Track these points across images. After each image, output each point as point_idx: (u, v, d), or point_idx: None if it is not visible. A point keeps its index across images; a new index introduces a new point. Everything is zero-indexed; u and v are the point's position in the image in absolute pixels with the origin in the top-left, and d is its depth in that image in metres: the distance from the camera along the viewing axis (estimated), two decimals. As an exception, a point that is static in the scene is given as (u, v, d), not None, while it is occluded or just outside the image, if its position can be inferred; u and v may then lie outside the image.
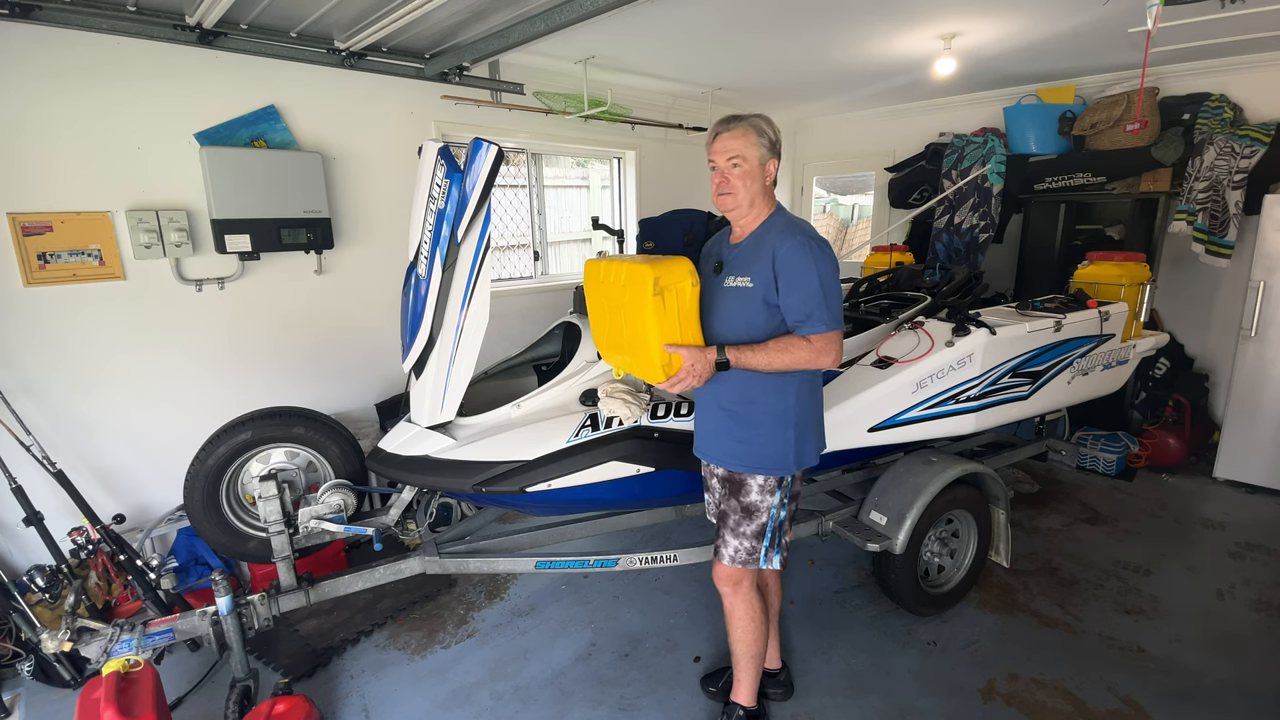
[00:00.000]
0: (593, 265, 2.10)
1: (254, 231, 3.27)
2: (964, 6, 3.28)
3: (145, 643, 2.13)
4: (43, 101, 2.81)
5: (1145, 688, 2.43)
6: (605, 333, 2.16)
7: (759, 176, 1.92)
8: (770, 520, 2.03)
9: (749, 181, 1.91)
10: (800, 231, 1.89)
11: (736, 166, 1.91)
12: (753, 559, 2.05)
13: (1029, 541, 3.47)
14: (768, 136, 1.92)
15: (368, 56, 3.55)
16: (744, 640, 2.15)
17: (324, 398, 3.72)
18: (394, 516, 2.60)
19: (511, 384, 2.99)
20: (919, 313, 2.94)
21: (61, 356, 2.98)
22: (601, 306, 2.12)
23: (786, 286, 1.85)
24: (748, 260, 1.94)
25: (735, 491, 2.04)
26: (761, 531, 2.03)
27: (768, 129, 1.93)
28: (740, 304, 1.94)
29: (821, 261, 1.84)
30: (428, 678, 2.61)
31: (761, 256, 1.89)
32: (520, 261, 4.93)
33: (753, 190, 1.92)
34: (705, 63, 4.34)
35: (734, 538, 2.06)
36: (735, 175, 1.91)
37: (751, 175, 1.91)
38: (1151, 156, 4.18)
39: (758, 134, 1.90)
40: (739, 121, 1.92)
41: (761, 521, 2.03)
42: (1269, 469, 3.97)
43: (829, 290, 1.84)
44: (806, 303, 1.84)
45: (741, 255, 1.97)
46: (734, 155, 1.90)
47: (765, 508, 2.02)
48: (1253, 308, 3.89)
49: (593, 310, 2.19)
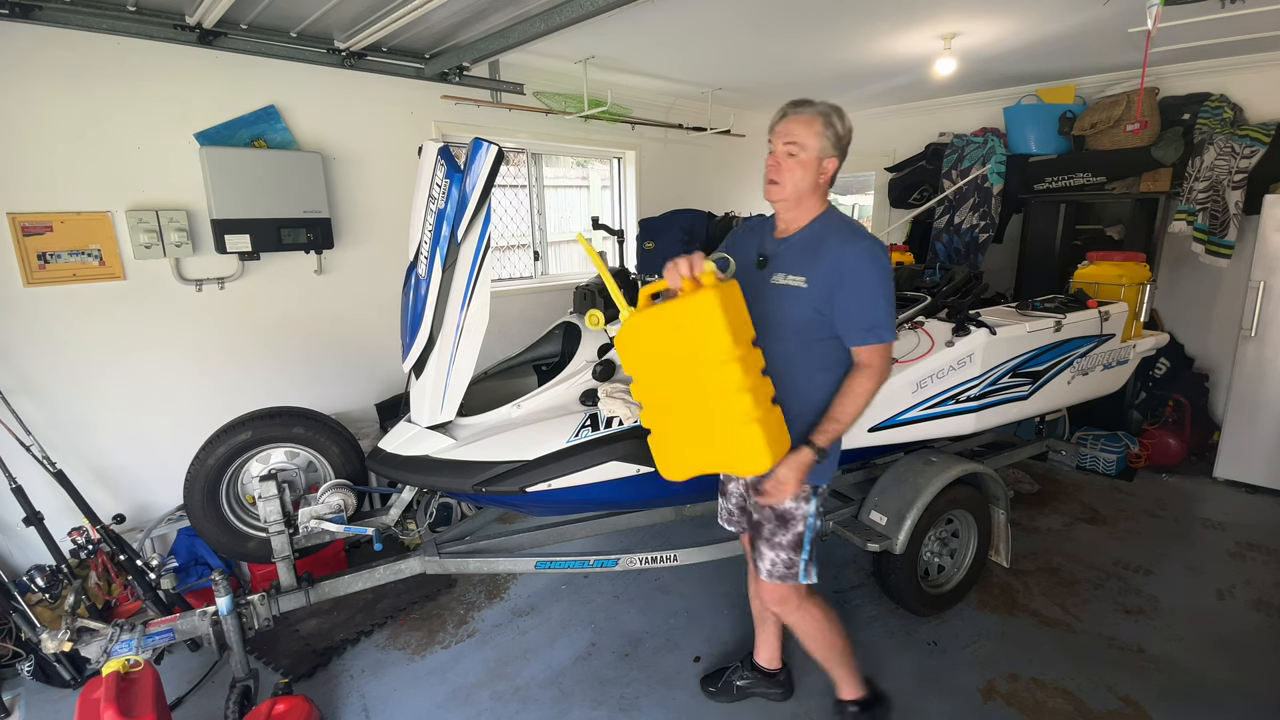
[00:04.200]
0: (633, 328, 1.68)
1: (254, 231, 3.27)
2: (964, 6, 3.27)
3: (145, 643, 2.13)
4: (43, 102, 2.81)
5: (1145, 688, 2.43)
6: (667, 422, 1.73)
7: (813, 170, 1.77)
8: (807, 530, 1.91)
9: (800, 173, 1.76)
10: (864, 237, 1.76)
11: (792, 155, 1.76)
12: (791, 572, 1.93)
13: (1029, 541, 3.47)
14: (835, 130, 1.76)
15: (368, 56, 3.55)
16: (820, 647, 2.10)
17: (324, 398, 3.72)
18: (394, 516, 2.60)
19: (511, 384, 2.99)
20: (919, 313, 2.95)
21: (61, 356, 2.97)
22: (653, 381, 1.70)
23: (849, 295, 1.73)
24: (801, 259, 1.80)
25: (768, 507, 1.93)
26: (799, 542, 1.91)
27: (837, 122, 1.77)
28: (791, 305, 1.80)
29: (884, 269, 1.74)
30: (428, 678, 2.61)
31: (821, 260, 1.76)
32: (520, 261, 4.93)
33: (801, 184, 1.78)
34: (705, 63, 4.34)
35: (769, 549, 1.94)
36: (788, 164, 1.77)
37: (805, 166, 1.76)
38: (1151, 156, 4.18)
39: (824, 124, 1.74)
40: (809, 107, 1.76)
41: (798, 531, 1.90)
42: (1269, 469, 3.97)
43: (889, 299, 1.75)
44: (870, 313, 1.73)
45: (793, 252, 1.83)
46: (792, 141, 1.75)
47: (801, 515, 1.89)
48: (1253, 308, 3.89)
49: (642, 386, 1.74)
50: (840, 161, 1.80)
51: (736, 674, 2.44)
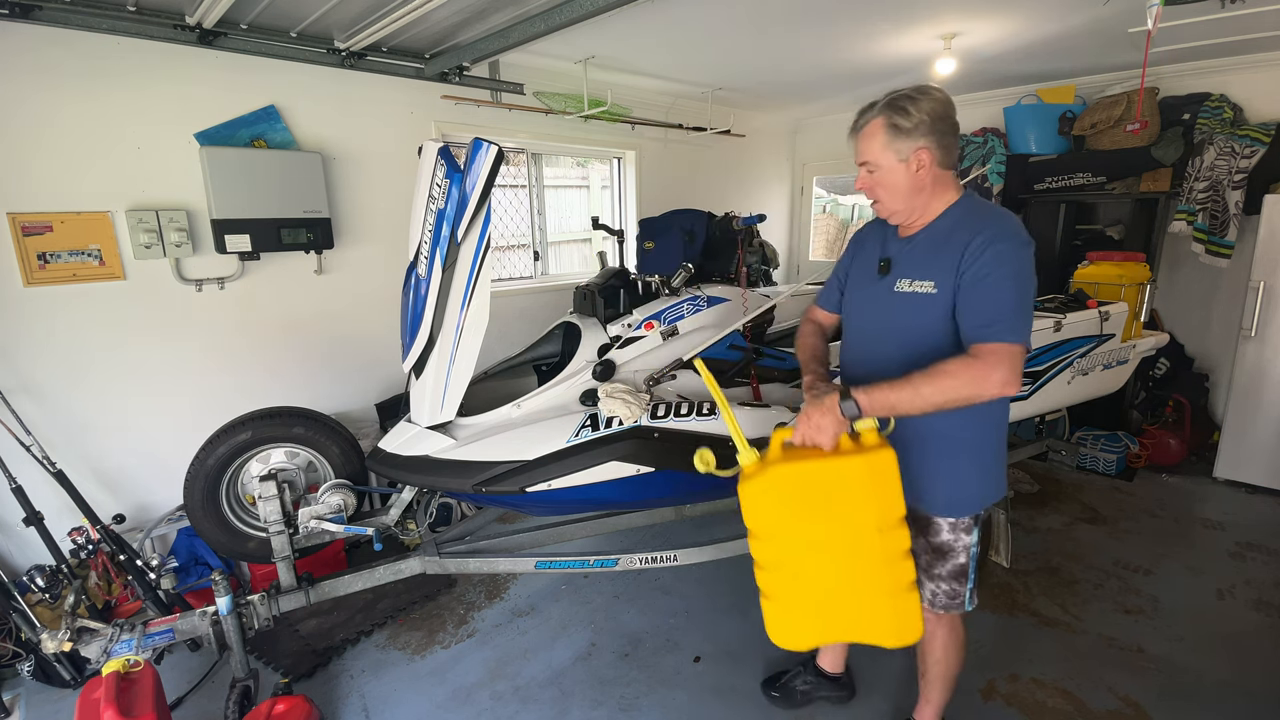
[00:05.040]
0: (775, 483, 1.49)
1: (254, 231, 3.27)
2: (964, 6, 3.28)
3: (145, 643, 2.13)
4: (43, 101, 2.81)
5: (1145, 688, 2.43)
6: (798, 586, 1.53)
7: (903, 175, 1.56)
8: (971, 560, 1.74)
9: (889, 186, 1.59)
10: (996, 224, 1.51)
11: (872, 173, 1.60)
12: (956, 603, 1.77)
13: (1029, 541, 3.47)
14: (904, 124, 1.52)
15: (368, 56, 3.55)
16: (948, 669, 1.93)
17: (324, 398, 3.72)
18: (394, 516, 2.60)
19: (511, 384, 2.99)
20: (919, 313, 2.94)
21: (61, 356, 2.97)
22: (788, 541, 1.51)
23: (970, 286, 1.50)
24: (927, 260, 1.58)
25: (922, 529, 1.75)
26: (962, 572, 1.74)
27: (906, 112, 1.52)
28: (920, 315, 1.59)
29: (1024, 265, 1.50)
30: (428, 678, 2.61)
31: (948, 255, 1.54)
32: (520, 261, 4.93)
33: (898, 195, 1.59)
34: (705, 63, 4.34)
35: (928, 579, 1.78)
36: (871, 182, 1.61)
37: (891, 176, 1.57)
38: (1151, 156, 4.18)
39: (888, 129, 1.54)
40: (868, 114, 1.57)
41: (960, 562, 1.74)
42: (1269, 469, 3.97)
43: (1026, 298, 1.49)
44: (991, 308, 1.47)
45: (918, 252, 1.62)
46: (864, 161, 1.60)
47: (963, 547, 1.72)
48: (1253, 308, 3.89)
49: (770, 544, 1.54)
50: (937, 140, 1.53)
51: (798, 678, 2.37)
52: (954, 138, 1.57)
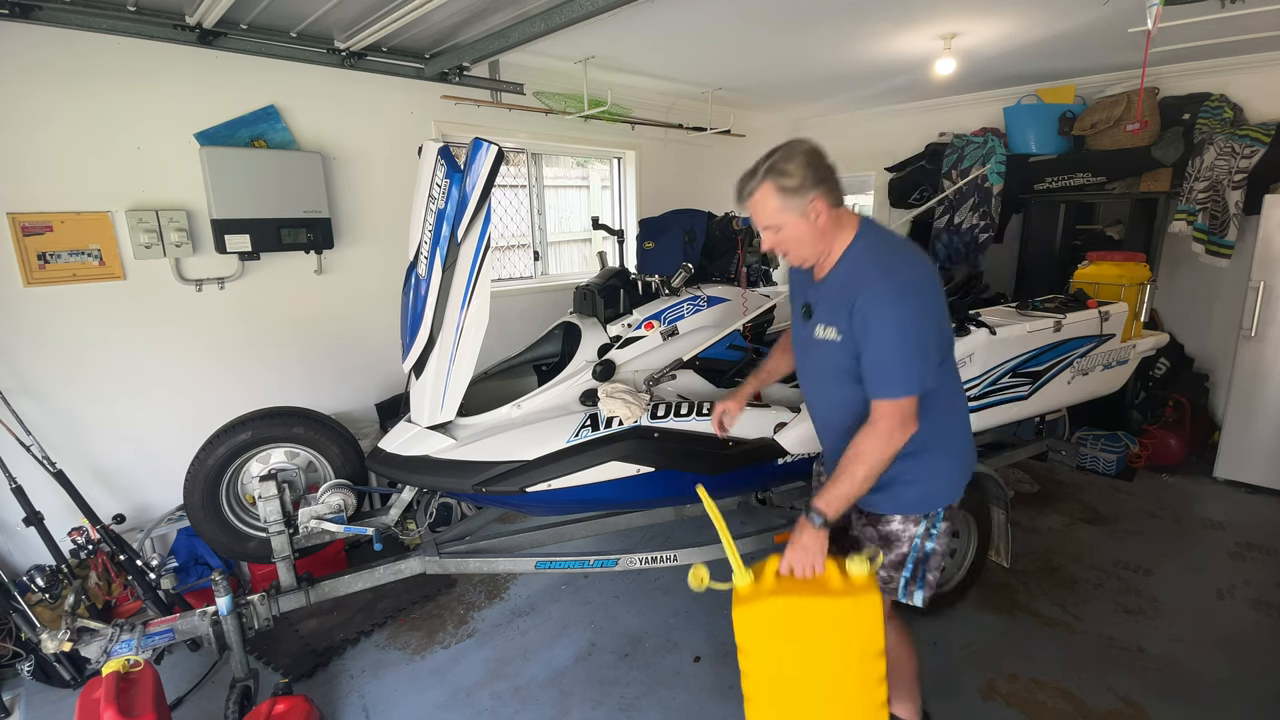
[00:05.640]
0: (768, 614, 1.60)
1: (254, 231, 3.27)
2: (964, 6, 3.27)
3: (145, 643, 2.14)
4: (43, 101, 2.81)
5: (1145, 688, 2.43)
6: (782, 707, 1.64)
7: (803, 228, 1.61)
8: (912, 551, 1.77)
9: (793, 241, 1.64)
10: (886, 276, 1.57)
11: (777, 233, 1.63)
12: (889, 588, 1.80)
13: (1029, 541, 3.47)
14: (791, 181, 1.56)
15: (368, 56, 3.55)
16: (893, 662, 1.87)
17: (324, 398, 3.72)
18: (394, 516, 2.60)
19: (511, 384, 2.99)
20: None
21: (62, 356, 2.97)
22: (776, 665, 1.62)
23: (861, 345, 1.58)
24: (834, 307, 1.64)
25: (872, 520, 1.82)
26: (900, 561, 1.78)
27: (788, 173, 1.57)
28: (835, 359, 1.66)
29: (909, 311, 1.54)
30: (428, 678, 2.61)
31: (845, 305, 1.60)
32: (520, 261, 4.93)
33: (804, 246, 1.65)
34: (705, 63, 4.34)
35: None
36: (776, 240, 1.65)
37: (797, 234, 1.62)
38: (1151, 156, 4.18)
39: (775, 189, 1.58)
40: (752, 181, 1.62)
41: (902, 552, 1.78)
42: (1269, 469, 3.97)
43: (911, 347, 1.55)
44: (880, 366, 1.56)
45: (827, 297, 1.68)
46: (765, 226, 1.64)
47: (908, 537, 1.77)
48: (1253, 308, 3.89)
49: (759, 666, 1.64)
50: (823, 188, 1.59)
51: None
52: (836, 178, 1.64)
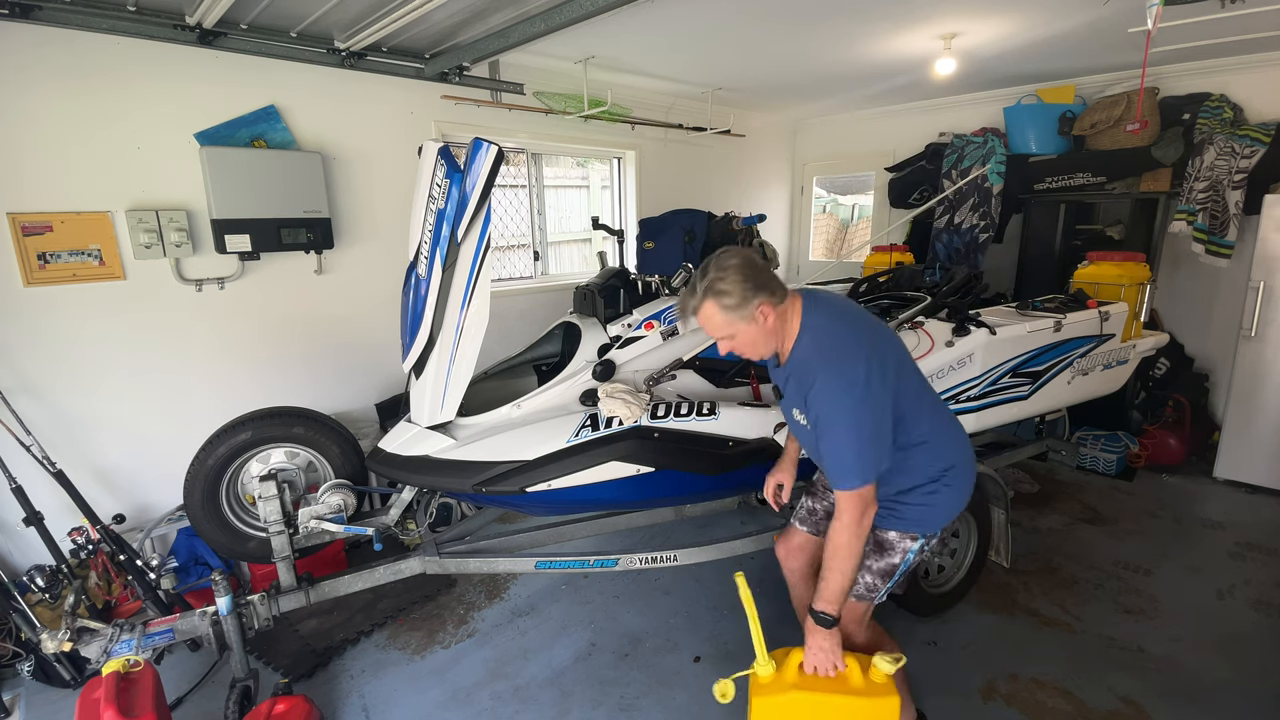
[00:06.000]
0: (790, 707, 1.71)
1: (254, 231, 3.27)
2: (964, 6, 3.28)
3: (145, 643, 2.14)
4: (42, 101, 2.81)
5: (1145, 688, 2.43)
6: None
7: (755, 330, 1.70)
8: (903, 565, 1.88)
9: (748, 344, 1.74)
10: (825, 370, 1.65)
11: (733, 340, 1.73)
12: (870, 596, 1.90)
13: (1029, 541, 3.47)
14: (731, 299, 1.65)
15: (368, 56, 3.55)
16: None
17: (324, 398, 3.72)
18: (394, 516, 2.60)
19: (511, 384, 2.99)
20: (919, 313, 2.94)
21: (61, 356, 2.97)
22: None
23: (818, 435, 1.69)
24: (800, 395, 1.74)
25: (874, 531, 1.87)
26: (890, 572, 1.88)
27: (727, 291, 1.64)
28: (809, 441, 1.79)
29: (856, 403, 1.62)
30: (428, 678, 2.61)
31: (802, 392, 1.72)
32: (520, 261, 4.93)
33: (760, 345, 1.74)
34: (705, 63, 4.34)
35: (861, 571, 1.89)
36: (734, 346, 1.75)
37: (751, 338, 1.72)
38: (1151, 156, 4.18)
39: (718, 306, 1.66)
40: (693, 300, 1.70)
41: (894, 562, 1.87)
42: (1269, 469, 3.97)
43: (864, 437, 1.63)
44: (837, 461, 1.65)
45: (792, 384, 1.78)
46: (720, 337, 1.74)
47: (902, 550, 1.86)
48: (1253, 308, 3.89)
49: None
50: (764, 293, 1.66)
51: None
52: (769, 275, 1.71)
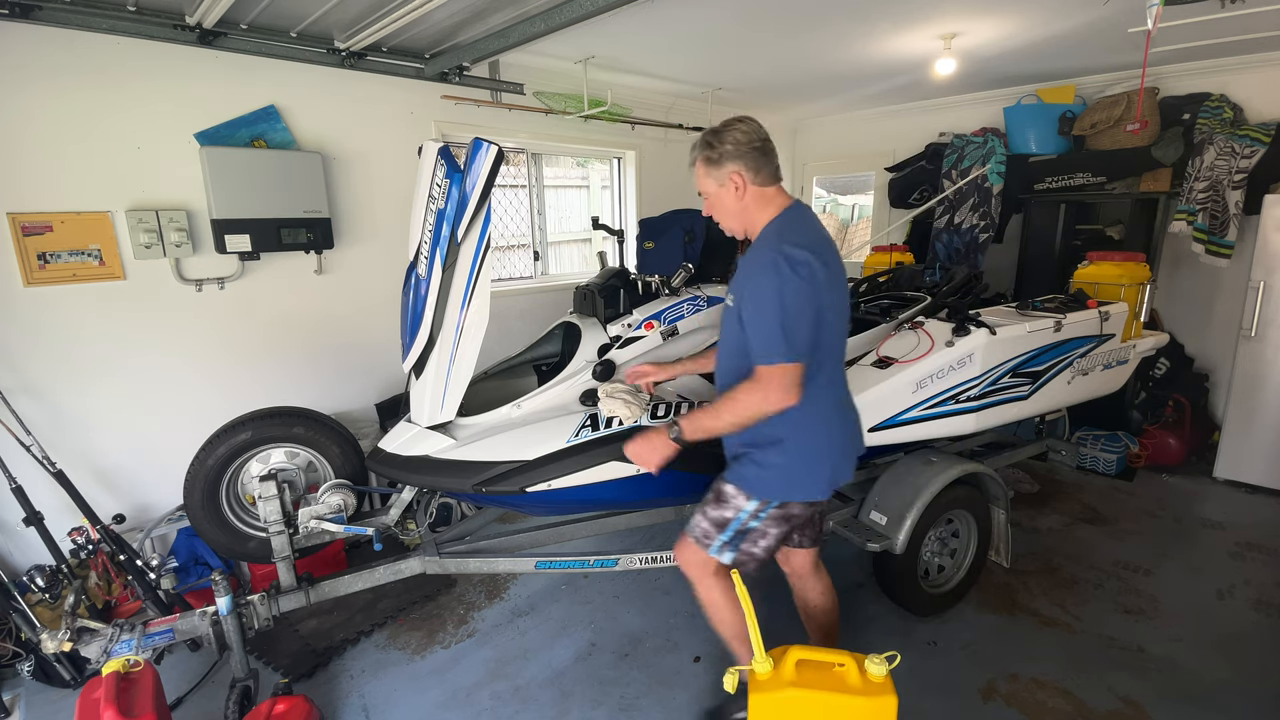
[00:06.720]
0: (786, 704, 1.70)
1: (254, 231, 3.27)
2: (964, 6, 3.27)
3: (145, 643, 2.13)
4: (42, 102, 2.81)
5: (1145, 688, 2.43)
6: None
7: (728, 198, 1.76)
8: (734, 522, 1.91)
9: (719, 208, 1.80)
10: (776, 244, 1.67)
11: (707, 200, 1.82)
12: (705, 542, 1.95)
13: (1029, 541, 3.47)
14: (713, 154, 1.73)
15: (368, 56, 3.55)
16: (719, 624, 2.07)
17: (324, 398, 3.72)
18: (394, 516, 2.60)
19: (511, 384, 2.99)
20: (919, 313, 2.95)
21: (61, 356, 2.97)
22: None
23: (746, 309, 1.70)
24: (743, 275, 1.79)
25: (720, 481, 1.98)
26: (723, 524, 1.92)
27: (713, 146, 1.73)
28: (729, 325, 1.82)
29: (788, 280, 1.61)
30: (428, 678, 2.61)
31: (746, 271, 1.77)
32: (520, 261, 4.93)
33: (731, 214, 1.79)
34: (705, 63, 4.34)
35: (700, 514, 1.98)
36: (710, 208, 1.83)
37: (720, 203, 1.78)
38: (1151, 156, 4.18)
39: (701, 160, 1.76)
40: (693, 152, 1.79)
41: (726, 516, 1.91)
42: (1269, 469, 3.97)
43: (790, 314, 1.61)
44: (761, 330, 1.65)
45: (741, 269, 1.82)
46: (699, 192, 1.81)
47: (734, 506, 1.91)
48: (1253, 308, 3.89)
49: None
50: (746, 163, 1.71)
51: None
52: (765, 158, 1.73)
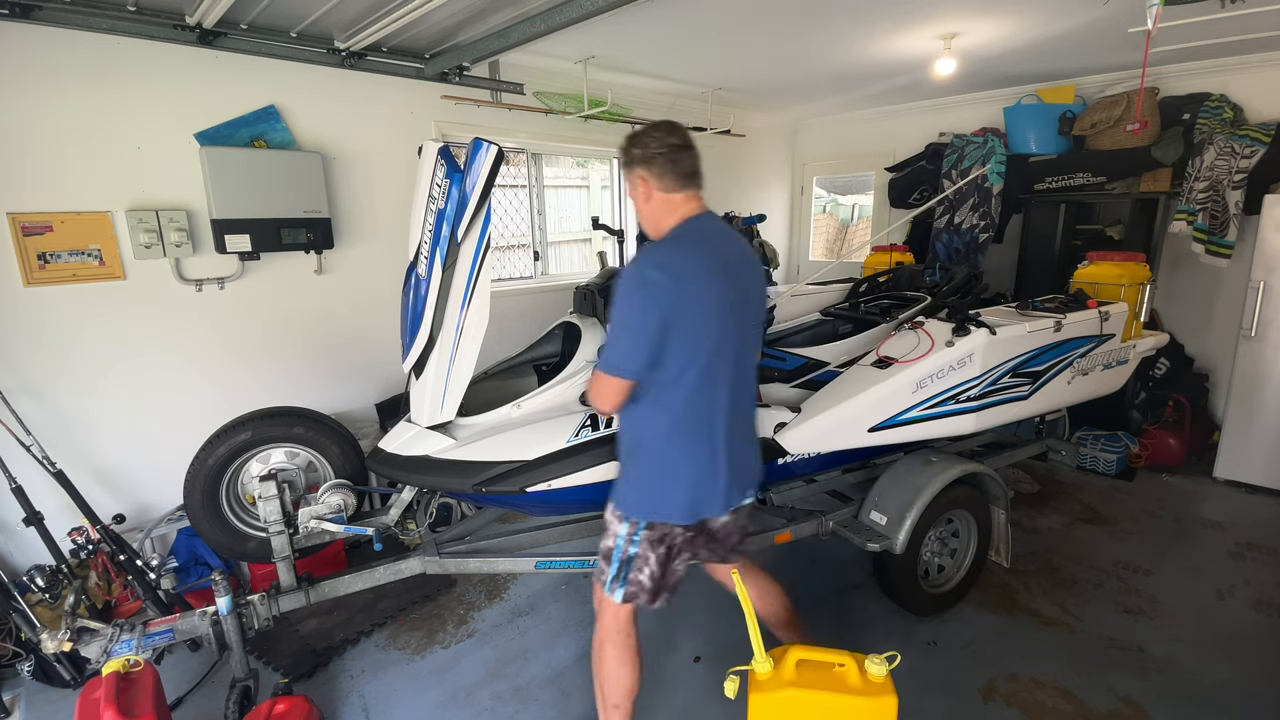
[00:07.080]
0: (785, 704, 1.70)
1: (254, 231, 3.27)
2: (964, 6, 3.27)
3: (145, 643, 2.13)
4: (43, 102, 2.81)
5: (1145, 688, 2.43)
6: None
7: (637, 201, 1.78)
8: (615, 549, 1.86)
9: (637, 212, 1.82)
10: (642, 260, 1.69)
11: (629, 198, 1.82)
12: (600, 578, 1.91)
13: (1029, 541, 3.47)
14: (625, 156, 1.77)
15: (368, 56, 3.55)
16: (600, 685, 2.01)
17: (324, 398, 3.72)
18: (394, 516, 2.60)
19: (511, 384, 2.99)
20: (919, 313, 2.95)
21: (61, 356, 2.97)
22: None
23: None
24: None
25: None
26: (608, 555, 1.88)
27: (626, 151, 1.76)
28: None
29: (634, 300, 1.63)
30: (428, 678, 2.61)
31: None
32: (520, 261, 4.93)
33: (642, 216, 1.81)
34: (705, 63, 4.34)
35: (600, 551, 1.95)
36: (634, 206, 1.84)
37: (634, 204, 1.81)
38: (1151, 156, 4.18)
39: (622, 165, 1.80)
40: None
41: (608, 545, 1.89)
42: (1269, 469, 3.97)
43: (621, 327, 1.66)
44: (607, 336, 1.72)
45: None
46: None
47: (613, 533, 1.87)
48: (1253, 308, 3.89)
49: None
50: (651, 169, 1.71)
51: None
52: (671, 165, 1.71)
